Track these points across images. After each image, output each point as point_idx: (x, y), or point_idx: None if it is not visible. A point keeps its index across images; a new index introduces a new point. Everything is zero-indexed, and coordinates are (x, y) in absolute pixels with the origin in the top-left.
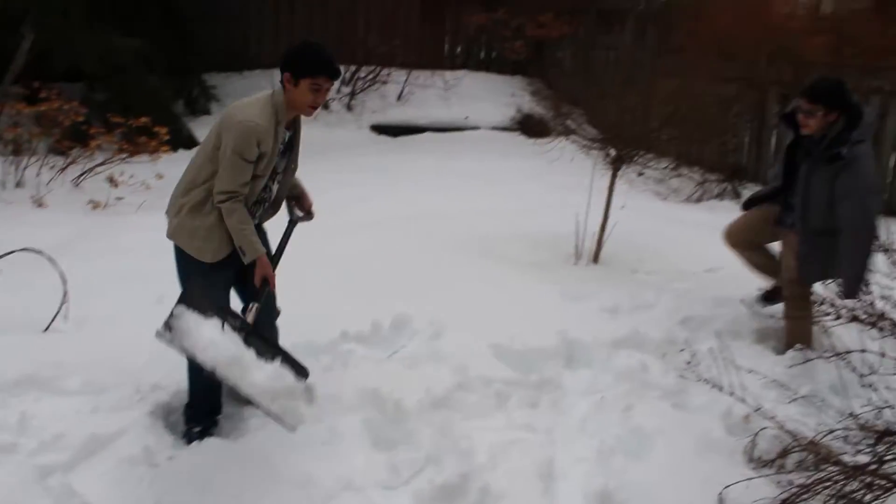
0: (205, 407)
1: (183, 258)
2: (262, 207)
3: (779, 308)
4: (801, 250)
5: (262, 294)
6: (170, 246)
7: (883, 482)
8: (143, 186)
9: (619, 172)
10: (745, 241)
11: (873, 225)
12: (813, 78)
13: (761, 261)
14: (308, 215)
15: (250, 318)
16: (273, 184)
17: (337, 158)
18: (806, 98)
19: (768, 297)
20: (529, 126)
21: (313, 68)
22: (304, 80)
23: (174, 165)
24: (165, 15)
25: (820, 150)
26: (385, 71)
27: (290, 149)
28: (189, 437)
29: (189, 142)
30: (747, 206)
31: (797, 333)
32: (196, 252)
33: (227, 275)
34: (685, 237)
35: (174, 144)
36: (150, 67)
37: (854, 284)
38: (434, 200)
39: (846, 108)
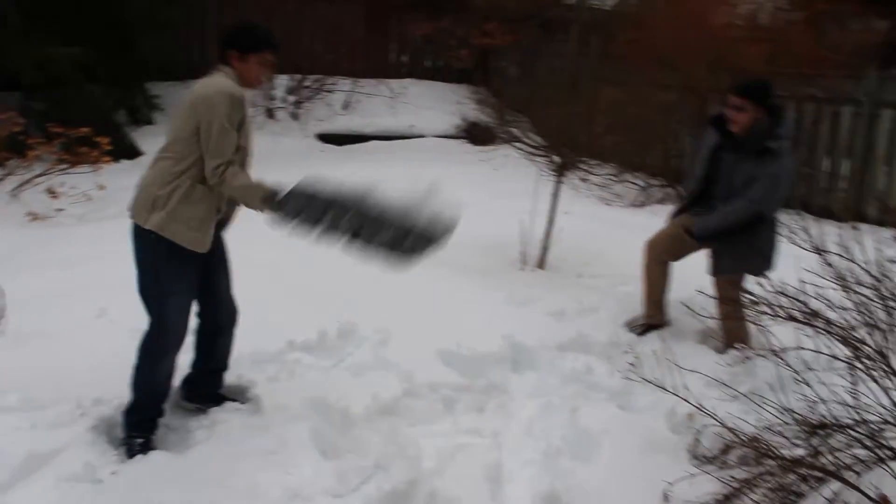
0: (150, 413)
1: (156, 250)
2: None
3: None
4: (717, 243)
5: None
6: (113, 256)
7: (817, 473)
8: (85, 197)
9: (564, 179)
10: (665, 252)
11: (764, 209)
12: (741, 78)
13: (662, 281)
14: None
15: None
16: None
17: (283, 167)
18: (736, 94)
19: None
20: (475, 134)
21: (259, 43)
22: (252, 55)
23: (116, 176)
24: (106, 23)
25: (748, 144)
26: (330, 79)
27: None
28: (131, 450)
29: (132, 152)
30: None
31: (735, 333)
32: (190, 242)
33: (198, 268)
34: (629, 241)
35: (116, 154)
36: (90, 76)
37: (709, 231)
38: None
39: (771, 106)
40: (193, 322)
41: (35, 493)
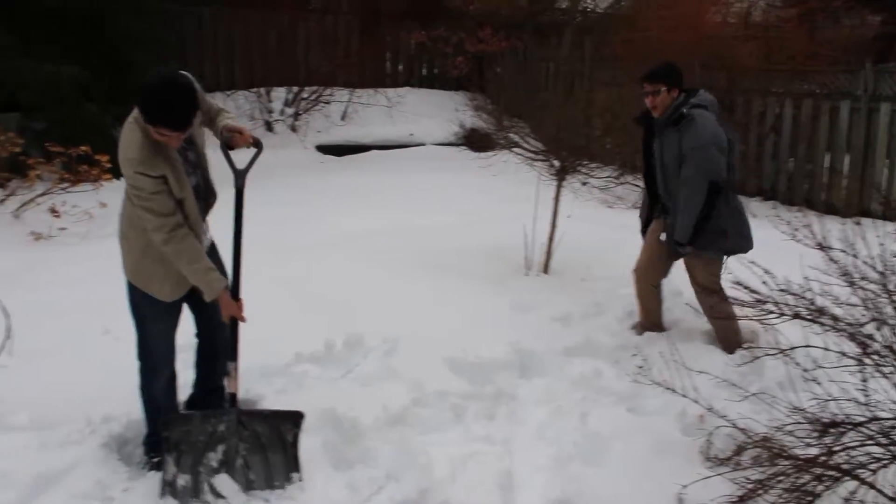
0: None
1: (136, 295)
2: (203, 202)
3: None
4: (671, 222)
5: (234, 340)
6: (116, 274)
7: (832, 472)
8: (87, 216)
9: (564, 182)
10: (654, 275)
11: (709, 177)
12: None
13: (657, 303)
14: (255, 144)
15: (233, 385)
16: (192, 177)
17: (283, 180)
18: (647, 81)
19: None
20: (474, 140)
21: (151, 117)
22: (149, 126)
23: (117, 193)
24: (103, 42)
25: (664, 119)
26: (328, 91)
27: (190, 142)
28: (150, 467)
29: None
30: (644, 230)
31: (727, 332)
32: (157, 293)
33: (180, 307)
34: (632, 243)
35: (116, 172)
36: (88, 95)
37: (687, 230)
38: (382, 218)
39: (686, 88)
40: (194, 342)
41: None
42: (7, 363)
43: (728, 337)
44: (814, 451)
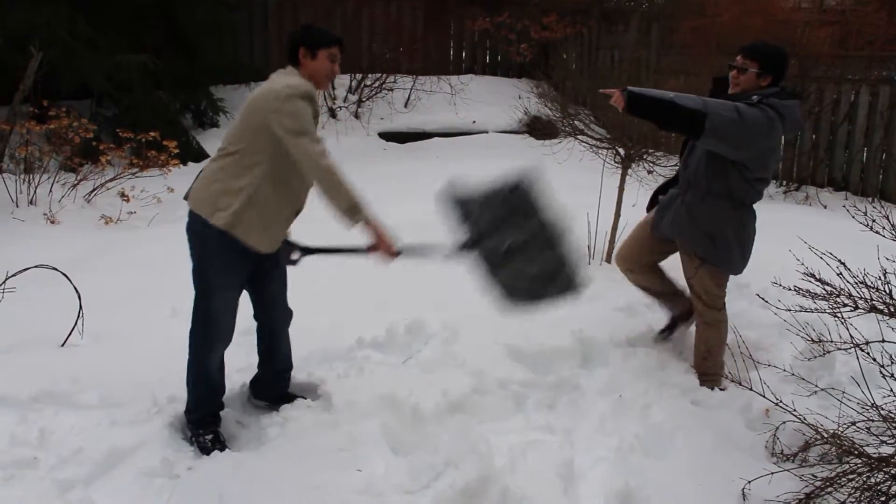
0: (209, 407)
1: (208, 243)
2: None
3: (795, 300)
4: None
5: (419, 250)
6: (183, 257)
7: None
8: (155, 200)
9: (629, 171)
10: (637, 263)
11: (710, 115)
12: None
13: (657, 286)
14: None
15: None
16: None
17: (346, 167)
18: (742, 54)
19: (669, 328)
20: (537, 128)
21: (328, 39)
22: (322, 51)
23: (185, 178)
24: (170, 30)
25: (732, 98)
26: (391, 78)
27: None
28: (203, 447)
29: (198, 155)
30: (652, 204)
31: (707, 359)
32: (258, 243)
33: (250, 267)
34: None
35: (184, 158)
36: (157, 82)
37: (643, 94)
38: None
39: (779, 76)
40: (253, 324)
41: (116, 488)
42: (79, 343)
43: (706, 364)
44: (888, 449)
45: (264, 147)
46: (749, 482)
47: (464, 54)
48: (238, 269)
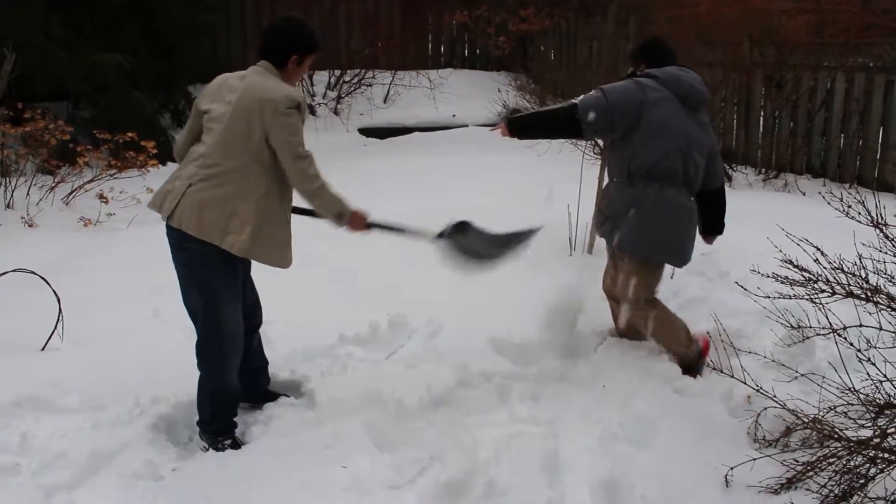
0: (229, 416)
1: (208, 264)
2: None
3: (774, 287)
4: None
5: (393, 228)
6: (164, 258)
7: (886, 455)
8: (134, 201)
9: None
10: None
11: (582, 106)
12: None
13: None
14: None
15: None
16: None
17: (326, 163)
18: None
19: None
20: None
21: (315, 44)
22: (308, 57)
23: (163, 178)
24: (147, 29)
25: None
26: (370, 73)
27: None
28: (222, 450)
29: None
30: None
31: (670, 338)
32: (281, 261)
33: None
34: None
35: (162, 158)
36: (134, 82)
37: (520, 117)
38: (425, 199)
39: (654, 59)
40: None
41: (100, 491)
42: (59, 347)
43: (672, 340)
44: (867, 433)
45: (267, 159)
46: (732, 468)
47: (442, 48)
48: (239, 279)
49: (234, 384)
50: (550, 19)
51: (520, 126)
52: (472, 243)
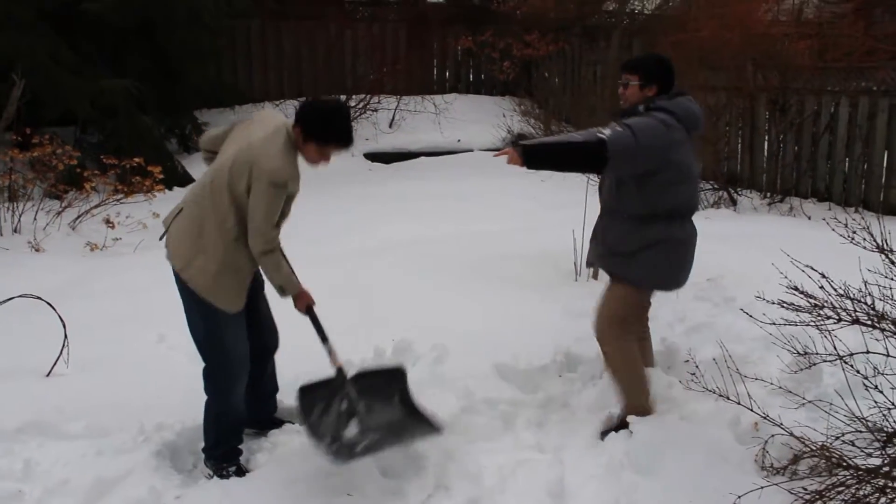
0: (234, 441)
1: (206, 307)
2: None
3: (780, 313)
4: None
5: (319, 324)
6: (169, 283)
7: None
8: (140, 226)
9: None
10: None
11: (612, 144)
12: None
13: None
14: None
15: (335, 359)
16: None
17: (332, 188)
18: (624, 69)
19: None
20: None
21: (329, 137)
22: (314, 144)
23: (170, 203)
24: (153, 54)
25: (621, 114)
26: (375, 98)
27: None
28: (226, 477)
29: (183, 179)
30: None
31: (629, 388)
32: (231, 307)
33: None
34: None
35: (168, 183)
36: (141, 107)
37: (537, 146)
38: (430, 224)
39: (666, 85)
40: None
41: None
42: (64, 372)
43: (626, 391)
44: (875, 461)
45: (237, 206)
46: (739, 497)
47: (447, 73)
48: (238, 314)
49: (239, 408)
50: (555, 44)
51: (534, 155)
52: (367, 416)
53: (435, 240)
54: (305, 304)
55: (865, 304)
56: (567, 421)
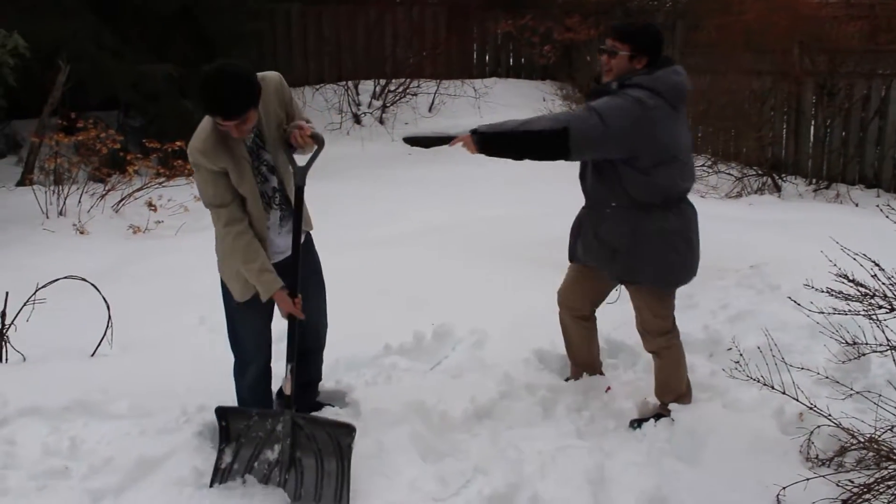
0: None
1: (223, 289)
2: (279, 209)
3: (828, 302)
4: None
5: (292, 341)
6: (211, 265)
7: None
8: (182, 209)
9: None
10: (575, 297)
11: (573, 129)
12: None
13: (579, 339)
14: (315, 141)
15: (288, 387)
16: (268, 181)
17: (371, 172)
18: (612, 35)
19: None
20: None
21: (204, 105)
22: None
23: None
24: (194, 38)
25: (597, 89)
26: (415, 82)
27: (261, 139)
28: None
29: None
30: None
31: (671, 380)
32: (237, 293)
33: (271, 301)
34: (726, 233)
35: None
36: (182, 91)
37: (492, 134)
38: (470, 209)
39: (655, 57)
40: (282, 333)
41: (146, 497)
42: (108, 353)
43: (670, 383)
44: None
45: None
46: (784, 488)
47: (487, 57)
48: (253, 305)
49: (243, 395)
50: (596, 28)
51: (489, 143)
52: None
53: (474, 224)
54: (286, 312)
55: None
56: (607, 407)
